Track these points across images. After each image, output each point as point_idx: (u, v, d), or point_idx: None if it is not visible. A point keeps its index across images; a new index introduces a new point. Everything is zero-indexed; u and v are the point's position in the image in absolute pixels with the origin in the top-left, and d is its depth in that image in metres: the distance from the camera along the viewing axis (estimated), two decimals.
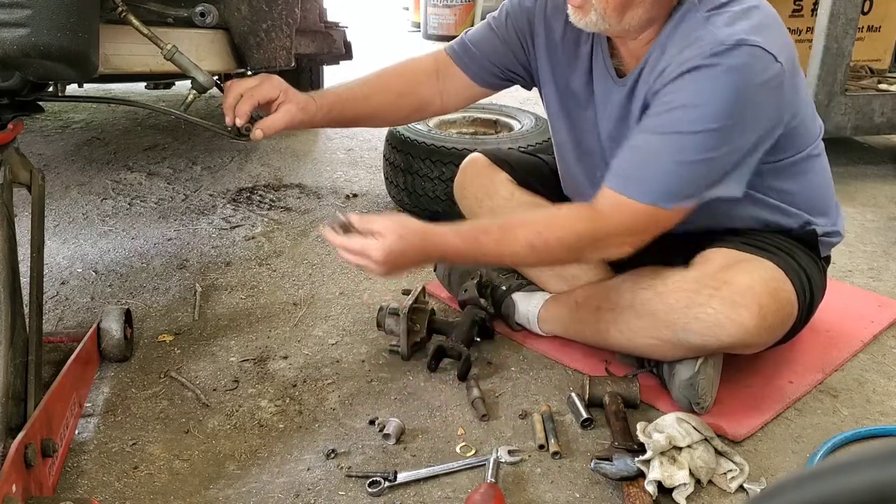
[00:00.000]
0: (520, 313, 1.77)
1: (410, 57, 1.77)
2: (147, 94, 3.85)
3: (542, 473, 1.36)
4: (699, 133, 1.30)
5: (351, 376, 1.65)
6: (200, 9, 1.50)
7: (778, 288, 1.40)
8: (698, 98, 1.29)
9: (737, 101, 1.28)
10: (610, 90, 1.50)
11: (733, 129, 1.30)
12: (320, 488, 1.32)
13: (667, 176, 1.33)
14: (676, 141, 1.32)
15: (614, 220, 1.36)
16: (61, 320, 1.86)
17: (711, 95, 1.28)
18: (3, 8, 1.17)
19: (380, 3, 7.65)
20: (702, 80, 1.29)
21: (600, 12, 1.35)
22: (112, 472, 1.36)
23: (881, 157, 3.27)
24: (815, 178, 1.56)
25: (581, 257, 1.43)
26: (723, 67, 1.27)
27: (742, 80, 1.27)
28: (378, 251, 1.31)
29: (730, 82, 1.27)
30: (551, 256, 1.41)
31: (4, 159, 1.38)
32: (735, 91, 1.27)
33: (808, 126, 1.51)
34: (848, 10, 2.65)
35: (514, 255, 1.40)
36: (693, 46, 1.31)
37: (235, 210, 2.56)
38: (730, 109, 1.28)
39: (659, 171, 1.33)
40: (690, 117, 1.30)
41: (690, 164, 1.32)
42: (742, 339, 1.37)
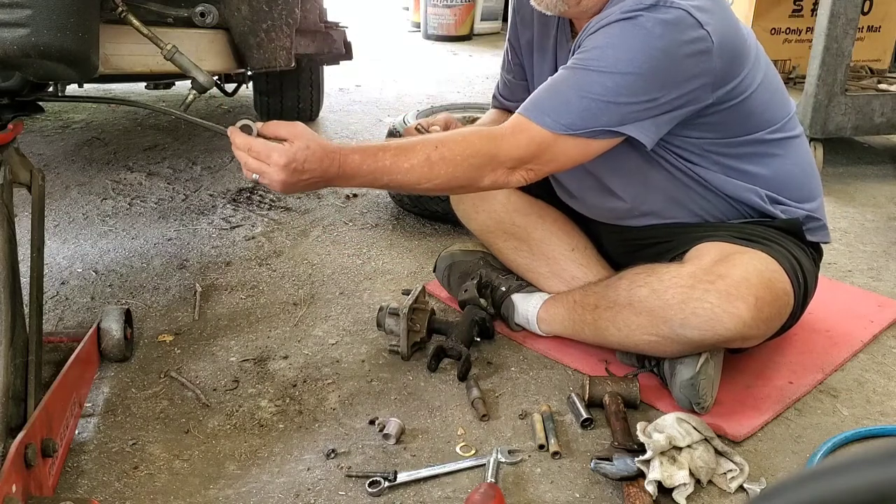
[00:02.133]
0: (519, 314, 1.77)
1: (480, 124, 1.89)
2: (147, 94, 3.85)
3: (542, 473, 1.36)
4: (606, 73, 1.34)
5: (351, 376, 1.65)
6: (200, 9, 1.50)
7: (773, 279, 1.41)
8: (613, 43, 1.34)
9: (651, 54, 1.32)
10: None
11: (643, 81, 1.33)
12: (320, 488, 1.32)
13: (567, 105, 1.36)
14: (584, 76, 1.36)
15: (512, 142, 1.38)
16: (61, 320, 1.86)
17: (626, 43, 1.33)
18: (3, 8, 1.17)
19: (380, 3, 7.64)
20: (620, 29, 1.34)
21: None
22: (112, 472, 1.37)
23: (881, 157, 3.27)
24: (784, 162, 1.57)
25: (478, 178, 1.39)
26: (643, 20, 1.32)
27: (660, 35, 1.31)
28: (282, 156, 1.30)
29: (647, 34, 1.32)
30: (448, 172, 1.37)
31: (4, 159, 1.38)
32: (650, 44, 1.32)
33: (765, 108, 1.52)
34: (848, 10, 2.65)
35: (412, 169, 1.36)
36: (616, 7, 1.37)
37: (235, 210, 2.56)
38: (643, 61, 1.32)
39: (561, 101, 1.37)
40: (602, 58, 1.35)
41: (592, 100, 1.35)
42: (740, 331, 1.38)
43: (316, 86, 3.52)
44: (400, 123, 2.49)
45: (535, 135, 1.37)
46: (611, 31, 1.35)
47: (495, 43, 6.14)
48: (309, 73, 3.43)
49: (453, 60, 5.46)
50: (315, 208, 2.60)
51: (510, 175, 1.41)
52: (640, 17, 1.32)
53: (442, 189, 1.43)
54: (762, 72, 1.50)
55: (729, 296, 1.36)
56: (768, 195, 1.56)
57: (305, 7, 2.44)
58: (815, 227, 1.61)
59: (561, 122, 1.36)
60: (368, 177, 1.37)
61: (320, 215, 2.54)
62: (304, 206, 2.62)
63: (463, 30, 6.18)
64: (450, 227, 2.40)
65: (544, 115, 1.37)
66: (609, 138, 1.39)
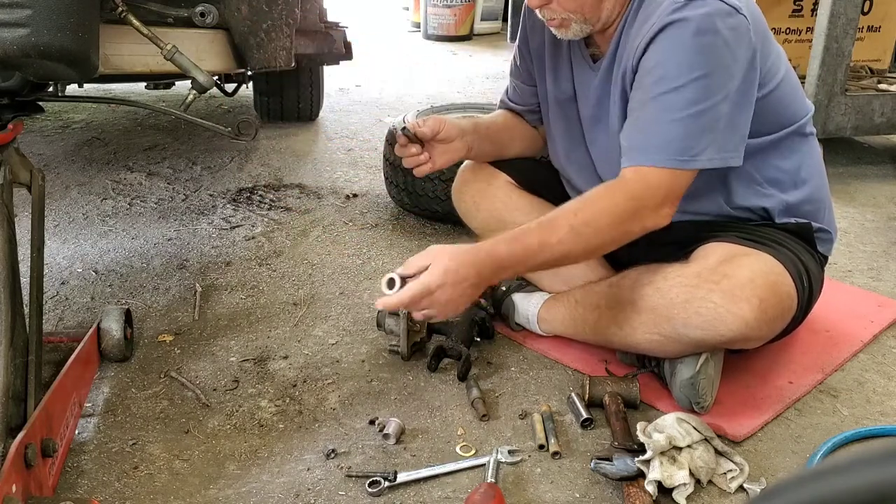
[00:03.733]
0: (519, 313, 1.77)
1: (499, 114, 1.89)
2: (147, 94, 3.85)
3: (542, 473, 1.36)
4: (682, 87, 1.33)
5: (351, 376, 1.65)
6: (200, 9, 1.50)
7: (777, 281, 1.41)
8: (670, 54, 1.34)
9: (708, 47, 1.32)
10: (587, 77, 1.58)
11: (711, 79, 1.33)
12: (320, 488, 1.32)
13: (668, 135, 1.36)
14: (664, 101, 1.35)
15: (643, 185, 1.38)
16: (61, 320, 1.86)
17: (682, 48, 1.33)
18: (3, 8, 1.17)
19: (380, 3, 7.65)
20: (669, 38, 1.34)
21: (580, 20, 1.43)
22: (112, 472, 1.36)
23: (881, 157, 3.27)
24: (805, 158, 1.58)
25: (626, 232, 1.39)
26: (685, 20, 1.32)
27: (707, 27, 1.32)
28: (435, 278, 1.31)
29: (696, 32, 1.32)
30: (597, 237, 1.38)
31: (4, 159, 1.38)
32: (703, 38, 1.32)
33: (790, 102, 1.54)
34: (848, 10, 2.65)
35: (561, 243, 1.36)
36: (652, 16, 1.37)
37: (235, 210, 2.56)
38: (704, 57, 1.32)
39: (660, 134, 1.36)
40: (667, 76, 1.34)
41: (685, 119, 1.34)
42: (742, 332, 1.38)
43: (316, 86, 3.52)
44: (399, 123, 2.48)
45: (657, 176, 1.37)
46: (661, 46, 1.35)
47: (495, 43, 6.14)
48: (309, 73, 3.43)
49: (453, 60, 5.46)
50: (315, 208, 2.60)
51: (656, 217, 1.39)
52: (681, 21, 1.32)
53: (597, 252, 1.45)
54: (784, 64, 1.52)
55: (733, 296, 1.36)
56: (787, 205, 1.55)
57: (305, 7, 2.45)
58: (825, 238, 1.62)
59: (671, 154, 1.35)
60: (522, 262, 1.38)
61: (320, 215, 2.54)
62: (304, 206, 2.62)
63: (463, 30, 6.18)
64: (450, 227, 2.40)
65: (653, 155, 1.36)
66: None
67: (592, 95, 1.57)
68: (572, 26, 1.46)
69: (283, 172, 2.95)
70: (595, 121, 1.60)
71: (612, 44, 1.49)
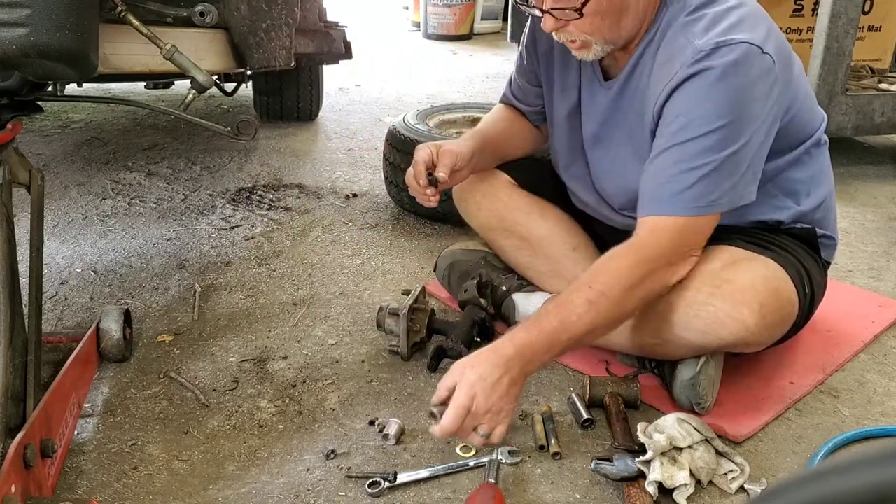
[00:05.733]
0: (520, 313, 1.76)
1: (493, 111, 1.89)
2: (147, 94, 3.85)
3: (542, 474, 1.36)
4: (701, 137, 1.31)
5: (351, 376, 1.65)
6: (200, 8, 1.50)
7: (779, 287, 1.40)
8: (693, 105, 1.32)
9: (732, 96, 1.30)
10: (595, 93, 1.55)
11: (735, 126, 1.31)
12: (320, 489, 1.32)
13: (685, 185, 1.33)
14: (683, 150, 1.33)
15: (655, 243, 1.35)
16: (60, 320, 1.86)
17: (704, 98, 1.31)
18: (3, 8, 1.17)
19: (380, 3, 7.65)
20: (692, 88, 1.32)
21: (601, 42, 1.40)
22: (111, 472, 1.36)
23: (882, 157, 3.27)
24: (819, 165, 1.57)
25: (645, 294, 1.35)
26: (712, 71, 1.29)
27: (731, 76, 1.29)
28: (464, 394, 1.26)
29: (720, 81, 1.29)
30: (617, 306, 1.33)
31: (4, 159, 1.38)
32: (727, 88, 1.30)
33: (808, 116, 1.52)
34: (848, 9, 2.65)
35: (581, 319, 1.31)
36: (675, 60, 1.34)
37: (235, 210, 2.56)
38: (726, 108, 1.30)
39: (677, 183, 1.34)
40: (689, 125, 1.32)
41: (703, 167, 1.32)
42: (743, 337, 1.37)
43: (315, 85, 3.52)
44: (400, 123, 2.49)
45: (674, 227, 1.35)
46: (684, 95, 1.32)
47: (495, 42, 6.14)
48: (308, 72, 3.43)
49: (453, 60, 5.46)
50: (315, 208, 2.60)
51: (678, 269, 1.38)
52: (708, 71, 1.29)
53: (625, 319, 1.39)
54: (801, 76, 1.50)
55: (734, 301, 1.36)
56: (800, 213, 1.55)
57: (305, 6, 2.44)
58: (828, 244, 1.62)
59: (688, 204, 1.33)
60: (548, 345, 1.32)
61: (320, 215, 2.54)
62: (303, 206, 2.62)
63: (463, 29, 6.18)
64: (450, 227, 2.40)
65: (668, 206, 1.34)
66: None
67: (599, 113, 1.55)
68: (594, 47, 1.41)
69: (282, 172, 2.95)
70: (597, 139, 1.58)
71: (628, 65, 1.46)
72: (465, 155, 1.66)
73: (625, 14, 1.37)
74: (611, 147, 1.56)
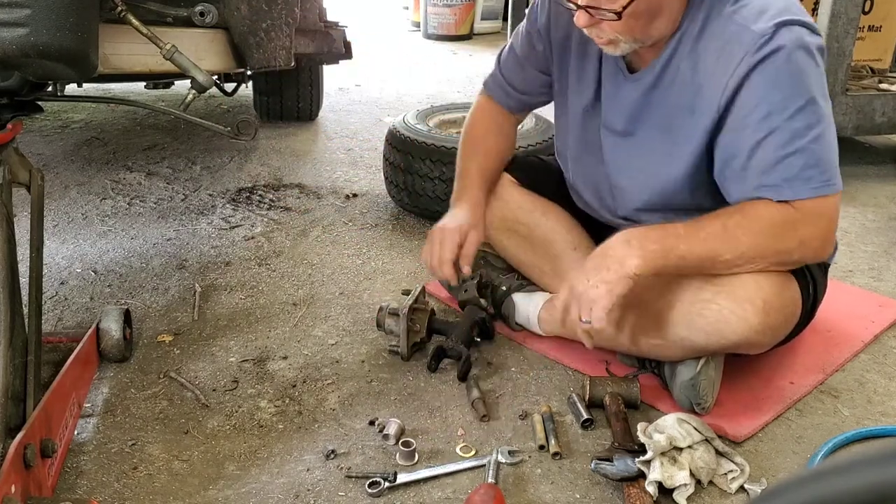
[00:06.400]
0: (520, 314, 1.76)
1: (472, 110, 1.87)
2: (146, 94, 3.85)
3: (542, 474, 1.36)
4: (789, 120, 1.30)
5: (351, 376, 1.65)
6: (200, 8, 1.50)
7: (783, 286, 1.40)
8: (771, 89, 1.30)
9: (801, 76, 1.30)
10: (620, 86, 1.52)
11: (813, 103, 1.31)
12: (320, 489, 1.32)
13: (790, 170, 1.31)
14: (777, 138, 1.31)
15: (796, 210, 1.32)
16: (60, 320, 1.86)
17: (781, 80, 1.30)
18: (3, 8, 1.17)
19: (380, 3, 7.65)
20: (765, 72, 1.30)
21: (630, 40, 1.38)
22: (111, 472, 1.36)
23: (882, 157, 3.27)
24: None
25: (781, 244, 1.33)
26: (778, 50, 1.29)
27: (797, 56, 1.29)
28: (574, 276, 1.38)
29: (789, 64, 1.29)
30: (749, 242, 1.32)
31: (4, 159, 1.38)
32: (799, 64, 1.30)
33: None
34: (849, 9, 2.65)
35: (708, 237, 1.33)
36: (733, 48, 1.32)
37: (235, 210, 2.56)
38: (800, 87, 1.30)
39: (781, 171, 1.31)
40: (776, 109, 1.30)
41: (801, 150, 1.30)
42: (746, 336, 1.37)
43: (315, 85, 3.52)
44: (400, 123, 2.49)
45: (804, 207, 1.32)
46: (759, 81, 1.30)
47: (495, 42, 6.14)
48: (308, 72, 3.43)
49: (453, 60, 5.46)
50: (315, 208, 2.60)
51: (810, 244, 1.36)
52: (774, 54, 1.28)
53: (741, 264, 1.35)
54: None
55: (738, 299, 1.36)
56: None
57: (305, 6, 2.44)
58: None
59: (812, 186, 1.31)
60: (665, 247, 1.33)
61: (320, 215, 2.54)
62: (303, 206, 2.62)
63: (463, 29, 6.18)
64: None
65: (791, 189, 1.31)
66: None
67: (626, 106, 1.51)
68: (621, 45, 1.39)
69: (282, 172, 2.95)
70: (623, 133, 1.54)
71: (661, 59, 1.43)
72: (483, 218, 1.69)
73: (659, 16, 1.36)
74: (639, 141, 1.52)
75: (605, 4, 1.31)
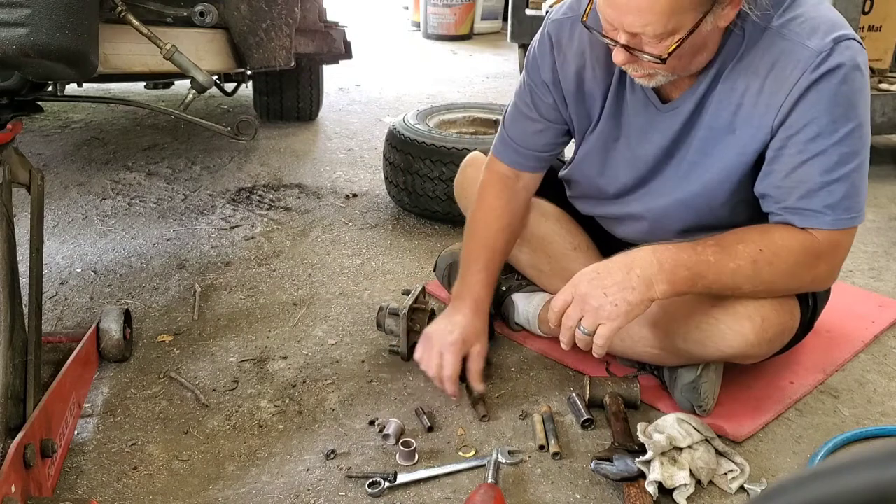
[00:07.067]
0: (520, 314, 1.76)
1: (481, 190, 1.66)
2: (146, 94, 3.85)
3: (542, 474, 1.36)
4: (838, 143, 1.27)
5: (351, 376, 1.65)
6: (200, 8, 1.50)
7: (783, 300, 1.40)
8: (824, 110, 1.27)
9: (856, 98, 1.28)
10: (653, 118, 1.44)
11: (862, 129, 1.29)
12: (320, 489, 1.32)
13: (831, 196, 1.29)
14: (824, 160, 1.28)
15: (820, 243, 1.31)
16: (60, 320, 1.86)
17: (834, 102, 1.26)
18: (3, 8, 1.17)
19: (380, 3, 7.65)
20: (821, 93, 1.26)
21: (669, 75, 1.31)
22: (111, 472, 1.36)
23: (882, 157, 3.27)
24: None
25: (800, 281, 1.34)
26: (834, 73, 1.25)
27: (854, 76, 1.27)
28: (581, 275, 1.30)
29: (845, 84, 1.26)
30: (775, 279, 1.31)
31: (4, 159, 1.38)
32: (851, 89, 1.27)
33: None
34: (849, 9, 2.65)
35: (738, 269, 1.29)
36: (790, 64, 1.27)
37: (235, 210, 2.56)
38: (853, 109, 1.27)
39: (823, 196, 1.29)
40: (824, 131, 1.27)
41: (844, 178, 1.28)
42: (743, 349, 1.37)
43: (315, 85, 3.52)
44: (400, 123, 2.49)
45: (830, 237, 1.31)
46: (815, 100, 1.26)
47: (495, 42, 6.14)
48: (308, 72, 3.43)
49: (453, 60, 5.46)
50: (315, 208, 2.60)
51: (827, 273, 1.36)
52: (833, 72, 1.25)
53: (761, 294, 1.35)
54: None
55: (735, 314, 1.36)
56: None
57: (305, 6, 2.44)
58: None
59: (840, 217, 1.29)
60: (694, 274, 1.28)
61: (320, 215, 2.54)
62: (303, 206, 2.62)
63: (463, 29, 6.18)
64: (450, 227, 2.40)
65: (822, 218, 1.30)
66: None
67: (662, 138, 1.44)
68: (658, 78, 1.33)
69: (282, 172, 2.95)
70: (665, 160, 1.47)
71: (701, 86, 1.36)
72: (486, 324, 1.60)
73: (701, 52, 1.29)
74: (676, 163, 1.46)
75: (647, 48, 1.23)
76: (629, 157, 1.51)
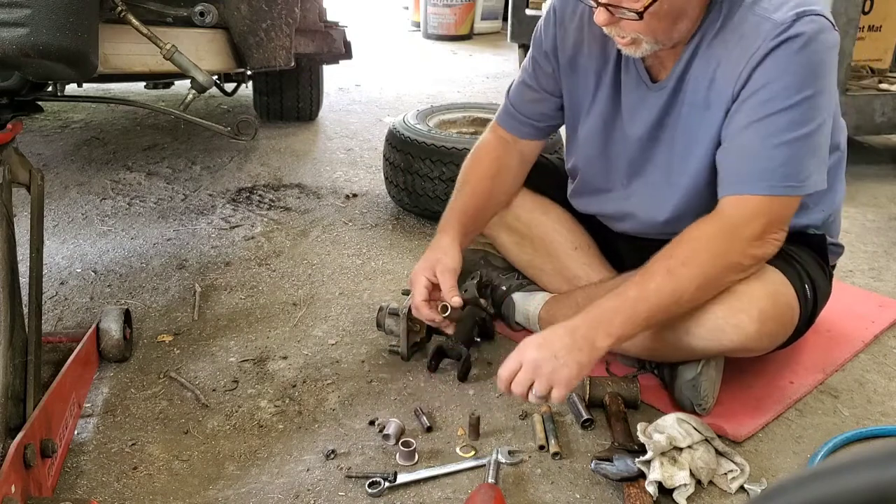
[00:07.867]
0: (520, 313, 1.76)
1: (477, 145, 1.75)
2: (146, 94, 3.85)
3: (542, 474, 1.36)
4: (789, 108, 1.28)
5: (351, 376, 1.65)
6: (200, 8, 1.50)
7: (779, 293, 1.40)
8: (778, 74, 1.29)
9: (816, 66, 1.29)
10: (644, 97, 1.47)
11: (816, 100, 1.29)
12: (320, 489, 1.32)
13: (770, 161, 1.30)
14: (769, 124, 1.30)
15: (738, 219, 1.33)
16: (60, 320, 1.86)
17: (790, 67, 1.28)
18: (3, 8, 1.17)
19: (380, 3, 7.65)
20: (777, 58, 1.28)
21: (651, 41, 1.34)
22: (111, 472, 1.36)
23: (882, 157, 3.27)
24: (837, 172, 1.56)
25: (730, 265, 1.33)
26: (792, 39, 1.27)
27: (813, 46, 1.28)
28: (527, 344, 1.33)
29: (803, 52, 1.27)
30: (698, 276, 1.32)
31: (4, 159, 1.38)
32: (811, 56, 1.28)
33: (839, 122, 1.51)
34: (849, 9, 2.65)
35: (659, 290, 1.31)
36: (751, 37, 1.30)
37: (235, 210, 2.56)
38: (812, 76, 1.28)
39: (762, 160, 1.31)
40: (777, 96, 1.29)
41: (789, 143, 1.29)
42: (742, 343, 1.37)
43: (315, 85, 3.52)
44: (400, 123, 2.49)
45: (757, 204, 1.32)
46: (770, 66, 1.28)
47: (495, 42, 6.14)
48: (308, 72, 3.43)
49: (453, 60, 5.46)
50: (315, 208, 2.60)
51: (760, 249, 1.35)
52: (791, 40, 1.27)
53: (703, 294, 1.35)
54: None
55: (733, 308, 1.36)
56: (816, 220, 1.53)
57: (305, 6, 2.44)
58: (836, 252, 1.62)
59: (773, 181, 1.30)
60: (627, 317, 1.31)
61: (320, 215, 2.54)
62: (303, 206, 2.62)
63: (463, 29, 6.18)
64: None
65: (757, 183, 1.31)
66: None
67: (650, 115, 1.47)
68: (643, 45, 1.35)
69: (282, 172, 2.95)
70: (650, 140, 1.50)
71: (681, 62, 1.40)
72: (458, 264, 1.58)
73: (681, 18, 1.33)
74: (664, 146, 1.49)
75: (626, 3, 1.27)
76: (623, 138, 1.55)
